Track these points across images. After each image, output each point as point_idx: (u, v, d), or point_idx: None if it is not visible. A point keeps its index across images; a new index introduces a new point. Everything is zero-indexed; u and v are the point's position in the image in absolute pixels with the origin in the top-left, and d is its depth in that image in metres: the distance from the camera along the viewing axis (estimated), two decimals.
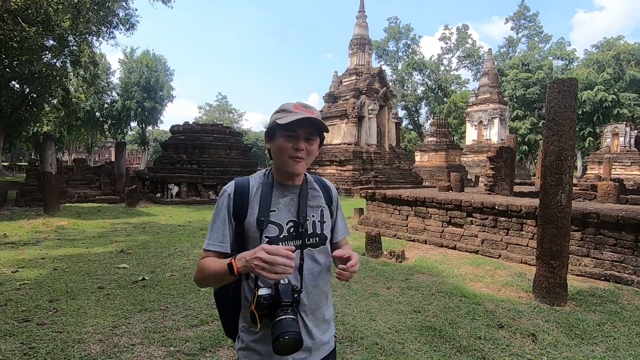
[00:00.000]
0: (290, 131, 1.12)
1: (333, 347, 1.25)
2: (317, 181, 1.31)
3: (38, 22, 15.59)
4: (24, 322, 3.14)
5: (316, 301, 1.17)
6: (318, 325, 1.17)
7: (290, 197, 1.19)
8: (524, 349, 2.90)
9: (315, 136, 1.18)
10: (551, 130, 3.85)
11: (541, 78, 36.34)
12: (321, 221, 1.22)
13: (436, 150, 28.14)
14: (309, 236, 1.17)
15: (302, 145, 1.13)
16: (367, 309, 3.66)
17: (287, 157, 1.14)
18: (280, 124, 1.10)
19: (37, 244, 6.21)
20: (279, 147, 1.14)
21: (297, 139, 1.13)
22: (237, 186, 1.18)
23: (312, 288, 1.15)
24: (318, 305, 1.17)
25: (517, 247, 5.64)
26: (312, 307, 1.16)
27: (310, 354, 1.14)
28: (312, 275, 1.16)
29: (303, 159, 1.15)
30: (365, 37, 23.30)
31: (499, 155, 8.85)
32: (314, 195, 1.25)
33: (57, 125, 34.57)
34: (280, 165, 1.17)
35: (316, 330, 1.16)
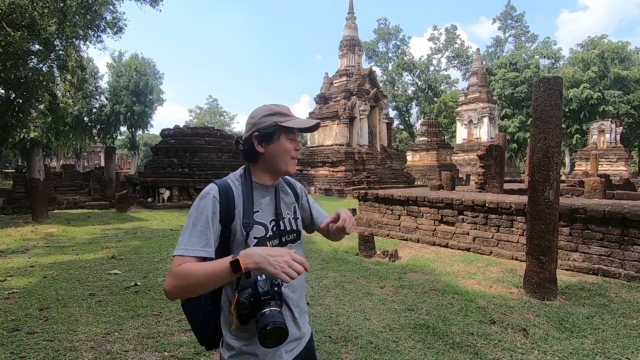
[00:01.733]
0: (292, 134, 1.19)
1: (311, 332, 1.32)
2: (285, 180, 1.36)
3: (23, 27, 15.33)
4: (13, 331, 3.09)
5: (299, 294, 1.23)
6: (302, 316, 1.23)
7: (269, 197, 1.22)
8: (516, 344, 2.95)
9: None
10: (538, 128, 3.92)
11: (528, 77, 36.87)
12: (295, 217, 1.28)
13: (427, 149, 28.36)
14: (288, 233, 1.23)
15: (300, 146, 1.23)
16: (361, 309, 3.69)
17: (289, 158, 1.19)
18: (284, 126, 1.15)
19: (25, 251, 6.11)
20: (284, 148, 1.17)
21: (296, 142, 1.20)
22: (221, 190, 1.14)
23: (296, 282, 1.15)
24: (300, 297, 1.24)
25: (507, 243, 5.72)
26: (297, 300, 1.20)
27: (298, 343, 1.20)
28: None
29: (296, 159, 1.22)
30: (355, 38, 23.41)
31: (488, 153, 8.96)
32: (285, 193, 1.31)
33: (44, 131, 34.01)
34: (278, 166, 1.19)
35: (301, 321, 1.21)
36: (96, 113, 37.63)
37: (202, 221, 1.08)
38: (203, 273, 0.99)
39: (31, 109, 23.95)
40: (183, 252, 1.04)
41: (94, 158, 51.27)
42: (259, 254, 0.96)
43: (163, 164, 13.88)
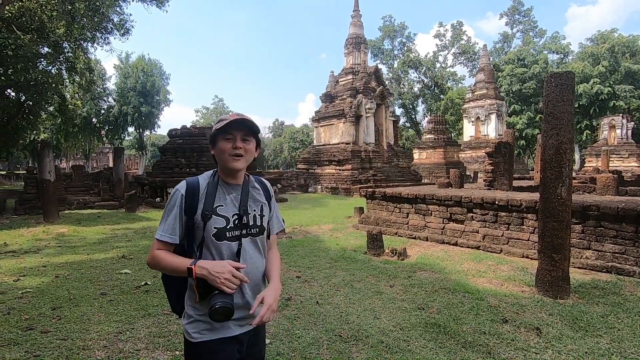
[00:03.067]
0: (228, 134, 1.34)
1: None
2: (257, 180, 1.54)
3: (32, 30, 15.54)
4: (27, 330, 3.13)
5: (256, 279, 1.41)
6: (254, 298, 1.38)
7: (235, 194, 1.40)
8: (529, 343, 2.91)
9: (251, 137, 1.39)
10: (549, 124, 3.86)
11: (537, 72, 36.40)
12: (261, 215, 1.44)
13: (434, 147, 28.16)
14: (251, 227, 1.40)
15: (240, 144, 1.34)
16: (370, 308, 3.67)
17: (227, 156, 1.34)
18: (219, 129, 1.33)
19: (38, 252, 6.20)
20: (220, 148, 1.35)
21: (234, 140, 1.34)
22: (188, 186, 1.36)
23: (252, 268, 1.38)
24: (256, 282, 1.41)
25: (518, 241, 5.65)
26: (251, 285, 1.38)
27: (250, 321, 1.36)
28: (253, 258, 1.40)
29: (242, 155, 1.35)
30: (360, 36, 23.31)
31: (497, 150, 8.87)
32: (254, 192, 1.47)
33: (54, 132, 34.47)
34: (223, 164, 1.37)
35: (252, 302, 1.38)
36: (104, 114, 38.02)
37: (172, 213, 1.34)
38: (170, 265, 1.30)
39: (41, 111, 24.27)
40: (158, 236, 1.34)
41: (102, 159, 51.85)
42: (206, 268, 1.24)
43: (171, 164, 13.98)
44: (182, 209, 1.33)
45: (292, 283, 4.46)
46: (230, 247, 1.34)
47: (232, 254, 1.34)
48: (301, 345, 2.90)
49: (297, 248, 6.34)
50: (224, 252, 1.33)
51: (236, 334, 1.35)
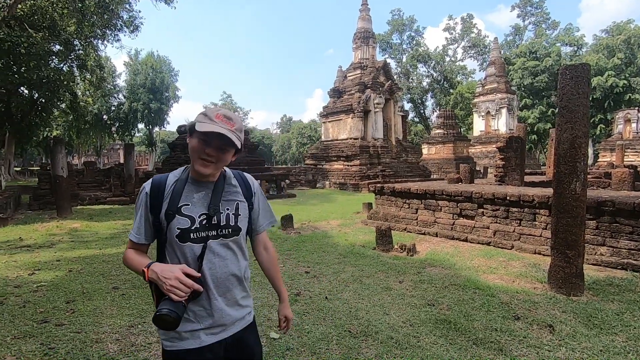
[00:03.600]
0: (205, 137, 1.21)
1: (250, 321, 1.40)
2: (237, 176, 1.41)
3: (44, 28, 15.76)
4: (42, 323, 3.20)
5: (226, 285, 1.30)
6: (230, 305, 1.31)
7: (205, 192, 1.29)
8: (542, 340, 2.86)
9: (229, 147, 1.25)
10: (564, 118, 3.76)
11: (549, 65, 35.67)
12: (235, 214, 1.33)
13: (443, 142, 27.88)
14: (222, 227, 1.29)
15: (212, 152, 1.23)
16: (380, 303, 3.65)
17: (197, 158, 1.24)
18: (197, 130, 1.20)
19: (51, 246, 6.31)
20: (192, 147, 1.24)
21: (209, 145, 1.22)
22: (153, 184, 1.30)
23: (221, 273, 1.28)
24: (228, 288, 1.31)
25: (530, 237, 5.57)
26: (221, 290, 1.29)
27: (225, 328, 1.30)
28: (224, 261, 1.29)
29: (213, 162, 1.24)
30: (369, 30, 23.09)
31: (508, 145, 8.72)
32: (230, 190, 1.35)
33: (66, 129, 35.06)
34: (192, 162, 1.27)
35: (229, 310, 1.30)
36: (115, 111, 38.50)
37: (138, 212, 1.31)
38: (132, 266, 1.28)
39: (53, 108, 24.75)
40: (129, 234, 1.33)
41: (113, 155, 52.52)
42: (156, 271, 1.16)
43: (180, 160, 14.10)
44: (147, 207, 1.28)
45: (301, 278, 4.46)
46: (193, 250, 1.24)
47: (195, 257, 1.23)
48: (310, 340, 2.90)
49: (305, 243, 6.35)
50: (187, 254, 1.24)
51: (207, 343, 1.26)
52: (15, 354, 2.65)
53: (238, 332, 1.34)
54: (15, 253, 5.77)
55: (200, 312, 1.25)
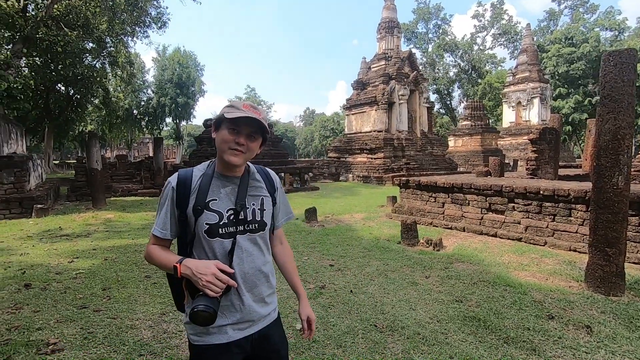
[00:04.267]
0: (235, 126, 1.23)
1: (275, 317, 1.41)
2: (261, 172, 1.42)
3: (78, 26, 16.42)
4: (81, 308, 3.37)
5: (253, 280, 1.30)
6: (258, 302, 1.32)
7: (232, 187, 1.30)
8: (578, 342, 2.74)
9: (258, 135, 1.28)
10: (606, 108, 3.53)
11: (587, 52, 33.62)
12: (261, 209, 1.33)
13: (471, 134, 27.01)
14: (249, 222, 1.30)
15: (243, 141, 1.24)
16: (406, 298, 3.60)
17: (227, 148, 1.24)
18: (227, 118, 1.22)
19: (88, 235, 6.64)
20: (222, 138, 1.25)
21: (239, 134, 1.24)
22: (179, 178, 1.29)
23: (249, 268, 1.28)
24: (255, 284, 1.31)
25: (564, 233, 5.32)
26: (249, 286, 1.29)
27: (250, 325, 1.30)
28: (251, 257, 1.29)
29: (242, 152, 1.25)
30: (393, 20, 22.57)
31: (541, 137, 8.34)
32: (255, 185, 1.36)
33: (99, 123, 36.60)
34: (221, 154, 1.27)
35: (255, 306, 1.31)
36: (144, 106, 39.79)
37: (164, 207, 1.29)
38: (160, 262, 1.25)
39: (87, 103, 25.85)
40: (153, 230, 1.30)
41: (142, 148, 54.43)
42: (190, 267, 1.15)
43: (207, 153, 14.42)
44: (173, 202, 1.26)
45: (326, 271, 4.47)
46: (223, 245, 1.24)
47: (225, 252, 1.24)
48: (336, 333, 2.91)
49: (329, 236, 6.36)
50: (217, 250, 1.24)
51: (235, 339, 1.27)
52: (58, 337, 2.81)
53: (264, 328, 1.34)
54: (56, 242, 6.11)
55: (228, 308, 1.26)
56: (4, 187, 8.51)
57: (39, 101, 20.83)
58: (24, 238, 6.37)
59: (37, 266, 4.66)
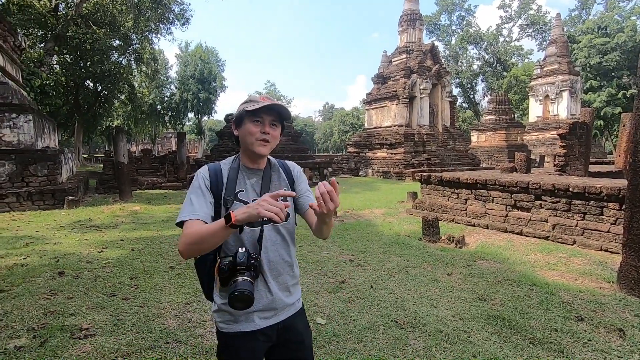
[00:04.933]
0: (257, 117, 1.28)
1: (299, 308, 1.43)
2: (281, 165, 1.47)
3: (106, 24, 16.97)
4: (111, 296, 3.52)
5: (278, 269, 1.34)
6: (282, 290, 1.35)
7: (256, 179, 1.35)
8: (610, 345, 2.63)
9: (278, 123, 1.33)
10: None
11: (622, 42, 31.87)
12: (284, 201, 1.31)
13: (495, 129, 26.22)
14: None
15: (268, 130, 1.29)
16: (427, 295, 3.56)
17: (254, 140, 1.29)
18: (249, 111, 1.27)
19: (116, 227, 6.89)
20: (248, 131, 1.29)
21: (263, 124, 1.29)
22: (210, 170, 1.34)
23: (274, 257, 1.33)
24: (280, 272, 1.35)
25: (595, 232, 5.10)
26: (274, 274, 1.33)
27: (275, 313, 1.34)
28: (275, 246, 1.33)
29: (269, 141, 1.30)
30: (415, 12, 22.08)
31: (571, 131, 8.01)
32: (277, 177, 1.41)
33: (125, 119, 37.77)
34: (248, 147, 1.31)
35: (280, 294, 1.34)
36: (167, 101, 40.73)
37: (197, 194, 1.29)
38: (205, 230, 1.15)
39: (114, 99, 26.74)
40: (183, 217, 1.22)
41: (165, 143, 55.87)
42: (241, 210, 1.10)
43: (228, 148, 14.65)
44: (208, 189, 1.29)
45: (345, 266, 4.47)
46: (253, 233, 1.28)
47: (254, 240, 1.28)
48: (357, 328, 2.91)
49: (349, 231, 6.35)
50: (245, 238, 1.28)
51: (261, 327, 1.31)
52: (90, 323, 2.95)
53: (288, 317, 1.37)
54: (86, 232, 6.38)
55: (256, 295, 1.27)
56: (38, 179, 8.94)
57: (69, 97, 21.68)
58: (56, 228, 6.68)
59: (69, 255, 4.89)
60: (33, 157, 8.95)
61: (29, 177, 8.86)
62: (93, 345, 2.62)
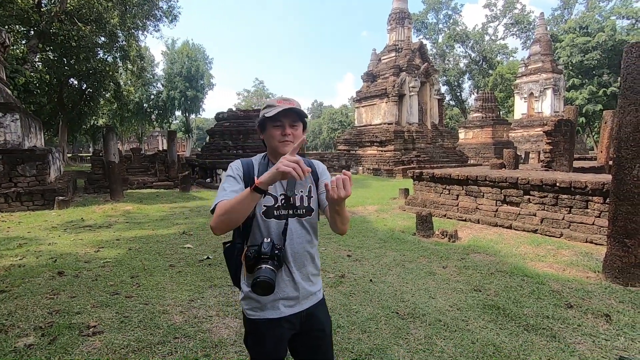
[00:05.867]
0: (277, 121, 1.38)
1: (321, 297, 1.51)
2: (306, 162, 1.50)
3: (91, 21, 16.61)
4: (114, 294, 3.53)
5: (302, 259, 1.43)
6: (305, 280, 1.44)
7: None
8: (598, 329, 2.80)
9: (298, 122, 1.42)
10: (628, 100, 3.54)
11: (602, 41, 32.82)
12: (308, 196, 1.45)
13: (482, 126, 26.75)
14: (297, 208, 1.42)
15: (289, 131, 1.39)
16: (425, 287, 3.69)
17: (277, 142, 1.39)
18: (268, 117, 1.37)
19: (110, 226, 6.84)
20: (271, 135, 1.40)
21: (283, 127, 1.38)
22: (242, 162, 1.46)
23: (298, 248, 1.41)
24: (304, 263, 1.43)
25: (581, 225, 5.33)
26: (298, 264, 1.42)
27: (298, 301, 1.42)
28: (299, 238, 1.42)
29: (291, 141, 1.39)
30: (404, 10, 22.31)
31: (557, 128, 8.27)
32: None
33: (110, 117, 37.08)
34: (273, 149, 1.43)
35: (304, 284, 1.43)
36: (154, 99, 40.13)
37: (232, 181, 1.39)
38: (234, 200, 1.24)
39: (100, 97, 26.23)
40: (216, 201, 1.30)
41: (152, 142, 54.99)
42: (265, 174, 1.19)
43: (219, 146, 14.58)
44: (240, 176, 1.40)
45: (344, 261, 4.58)
46: (279, 225, 1.37)
47: (279, 232, 1.37)
48: (359, 319, 3.01)
49: None
50: (272, 229, 1.37)
51: (285, 315, 1.39)
52: (97, 320, 2.97)
53: (311, 307, 1.46)
54: (80, 232, 6.32)
55: (280, 283, 1.37)
56: (27, 179, 8.77)
57: (54, 95, 21.20)
58: (49, 229, 6.59)
59: (66, 255, 4.86)
60: (21, 157, 8.77)
61: (17, 178, 8.69)
62: (102, 342, 2.65)
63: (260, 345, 1.41)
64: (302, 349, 1.49)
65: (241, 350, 2.57)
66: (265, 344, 1.40)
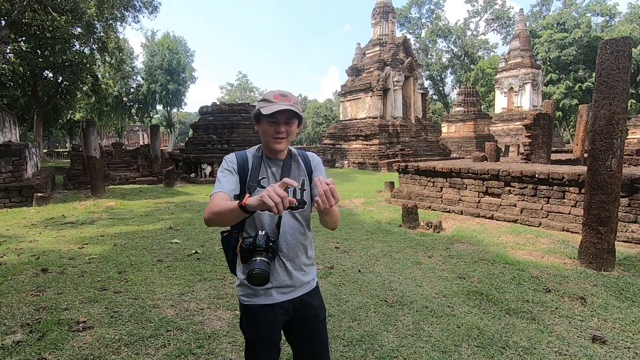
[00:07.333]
0: (273, 118, 1.38)
1: (314, 286, 1.56)
2: (301, 155, 1.57)
3: (67, 11, 15.99)
4: (102, 290, 3.50)
5: (295, 251, 1.47)
6: (298, 270, 1.48)
7: (276, 168, 1.47)
8: (574, 311, 2.97)
9: (294, 119, 1.42)
10: (602, 94, 3.71)
11: (578, 37, 33.85)
12: (301, 189, 1.47)
13: (464, 120, 27.27)
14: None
15: (282, 129, 1.40)
16: (412, 276, 3.81)
17: (270, 138, 1.40)
18: (264, 114, 1.37)
19: (93, 223, 6.70)
20: (264, 130, 1.41)
21: (278, 124, 1.39)
22: (237, 155, 1.48)
23: (291, 240, 1.45)
24: (297, 254, 1.47)
25: (558, 215, 5.57)
26: (291, 256, 1.46)
27: (292, 290, 1.47)
28: (292, 230, 1.45)
29: (284, 138, 1.41)
30: (388, 4, 22.39)
31: (535, 122, 8.55)
32: (296, 167, 1.51)
33: (88, 111, 35.89)
34: (266, 144, 1.44)
35: (296, 273, 1.47)
36: (134, 93, 39.05)
37: (227, 174, 1.42)
38: (224, 206, 1.26)
39: (76, 91, 25.33)
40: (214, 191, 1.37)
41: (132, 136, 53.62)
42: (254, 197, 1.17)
43: (203, 141, 14.38)
44: (235, 169, 1.42)
45: (332, 253, 4.65)
46: (272, 218, 1.40)
47: (273, 224, 1.40)
48: (350, 308, 3.09)
49: None
50: (265, 221, 1.39)
51: (279, 301, 1.44)
52: (86, 316, 2.95)
53: (304, 294, 1.51)
54: (62, 229, 6.17)
55: (274, 272, 1.41)
56: (3, 175, 8.46)
57: (27, 88, 20.37)
58: (28, 226, 6.41)
59: (49, 252, 4.75)
60: None
61: None
62: (93, 337, 2.64)
63: (255, 328, 1.46)
64: (297, 334, 1.54)
65: (234, 341, 2.61)
66: (259, 327, 1.46)
